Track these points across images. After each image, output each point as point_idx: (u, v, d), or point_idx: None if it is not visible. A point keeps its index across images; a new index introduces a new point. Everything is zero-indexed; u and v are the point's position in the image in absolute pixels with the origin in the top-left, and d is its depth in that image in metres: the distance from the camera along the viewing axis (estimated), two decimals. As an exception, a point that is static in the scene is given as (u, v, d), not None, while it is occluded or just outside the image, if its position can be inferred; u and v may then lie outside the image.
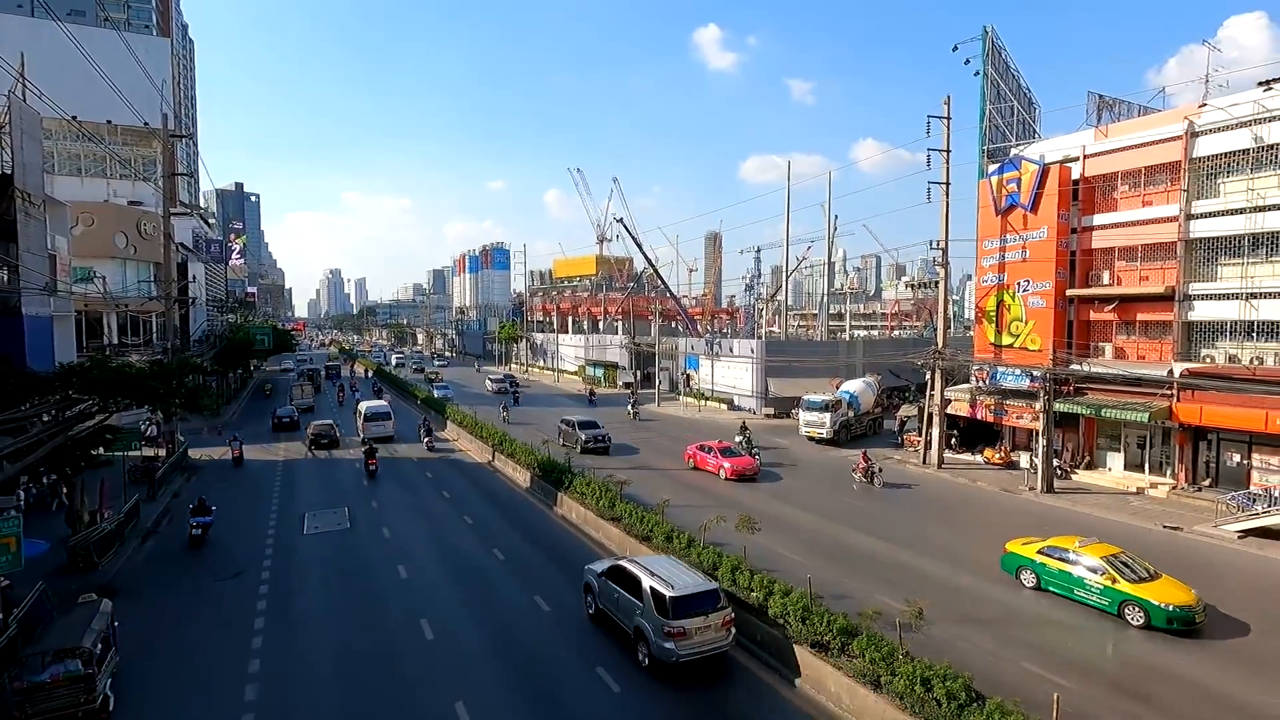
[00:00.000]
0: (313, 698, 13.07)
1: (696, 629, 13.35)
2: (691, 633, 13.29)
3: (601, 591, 15.73)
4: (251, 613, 16.74)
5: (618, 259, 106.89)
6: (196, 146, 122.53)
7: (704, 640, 13.44)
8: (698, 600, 13.67)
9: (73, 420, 19.22)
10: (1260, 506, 23.33)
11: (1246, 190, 26.33)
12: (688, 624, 13.29)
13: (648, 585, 14.09)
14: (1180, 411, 27.12)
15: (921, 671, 11.31)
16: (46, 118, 28.79)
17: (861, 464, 30.07)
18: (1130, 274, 30.47)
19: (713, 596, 13.96)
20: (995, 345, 34.77)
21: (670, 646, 13.20)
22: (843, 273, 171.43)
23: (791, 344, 64.74)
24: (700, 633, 13.39)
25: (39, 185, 24.17)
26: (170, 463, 30.19)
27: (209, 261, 67.75)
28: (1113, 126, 31.78)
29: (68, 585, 16.79)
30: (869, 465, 29.92)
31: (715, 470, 30.89)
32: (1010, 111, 37.61)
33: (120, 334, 42.27)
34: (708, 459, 31.64)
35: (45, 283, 23.68)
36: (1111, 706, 12.71)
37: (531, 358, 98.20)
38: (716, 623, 13.64)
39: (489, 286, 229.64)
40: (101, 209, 42.46)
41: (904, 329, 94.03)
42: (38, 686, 11.57)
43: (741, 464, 30.61)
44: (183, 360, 30.07)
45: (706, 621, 13.49)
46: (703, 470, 31.73)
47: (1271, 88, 25.68)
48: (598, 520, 22.34)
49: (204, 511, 22.17)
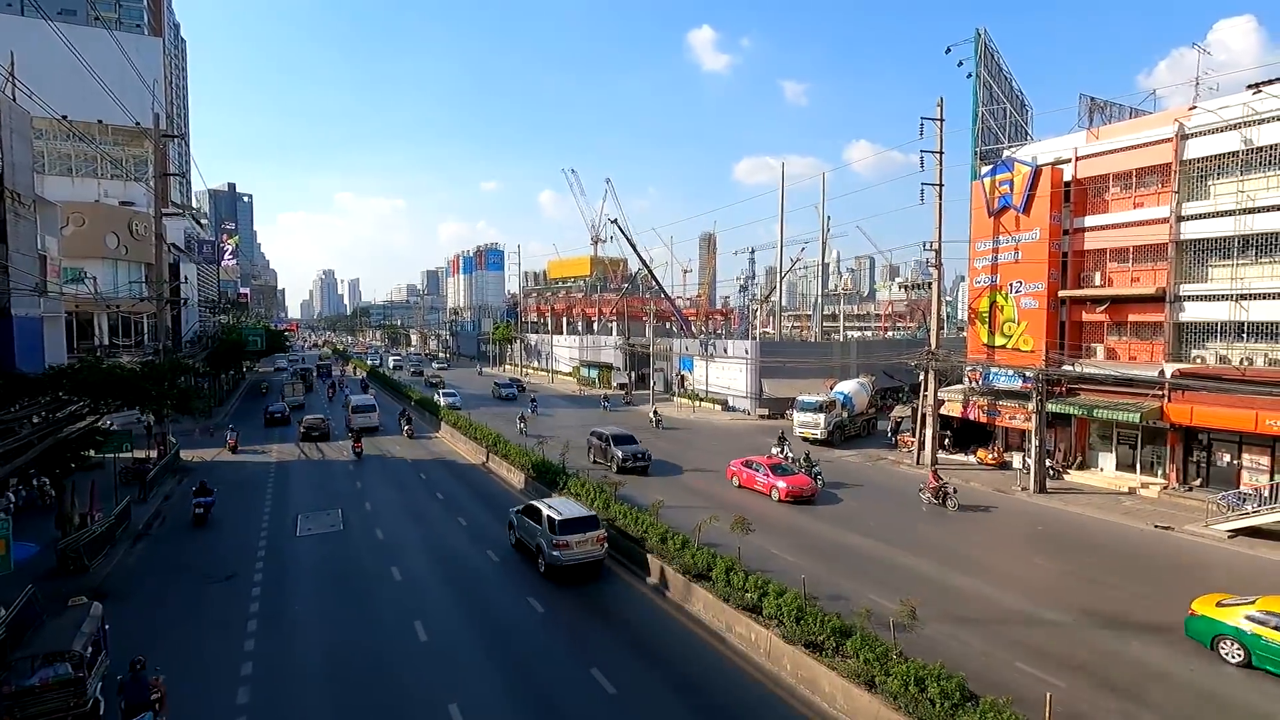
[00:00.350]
0: (306, 700, 13.00)
1: (576, 542, 18.53)
2: (573, 545, 18.47)
3: (519, 525, 20.93)
4: (244, 615, 16.64)
5: (612, 260, 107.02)
6: (188, 146, 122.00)
7: (582, 551, 18.65)
8: (578, 523, 18.80)
9: (63, 422, 19.09)
10: (1250, 506, 23.50)
11: (1236, 192, 26.54)
12: (570, 538, 18.48)
13: (545, 514, 19.22)
14: (1171, 412, 27.31)
15: (915, 671, 11.35)
16: (37, 117, 28.64)
17: (931, 482, 26.97)
18: (1122, 275, 30.65)
19: (591, 521, 19.13)
20: (988, 346, 34.92)
21: (557, 554, 18.42)
22: (837, 274, 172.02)
23: (786, 345, 64.81)
24: (579, 545, 18.57)
25: (29, 185, 24.00)
26: (162, 464, 29.98)
27: (201, 262, 67.45)
28: (1104, 129, 31.98)
29: (58, 588, 16.64)
30: (940, 484, 26.67)
31: (766, 490, 27.54)
32: (1003, 113, 37.83)
33: (111, 335, 42.00)
34: (756, 477, 28.28)
35: (35, 283, 23.54)
36: (1103, 706, 12.77)
37: (526, 359, 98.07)
38: (592, 539, 18.82)
39: (483, 287, 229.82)
40: (92, 209, 42.23)
41: (898, 330, 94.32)
42: (27, 691, 11.45)
43: (798, 484, 27.12)
44: (174, 361, 29.94)
45: (584, 538, 18.64)
46: (750, 490, 28.40)
47: (1261, 91, 25.88)
48: (592, 521, 22.26)
49: (206, 493, 24.33)
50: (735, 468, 29.69)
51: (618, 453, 31.66)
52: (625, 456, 31.40)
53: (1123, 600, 17.66)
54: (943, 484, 26.84)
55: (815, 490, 27.53)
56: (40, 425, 18.50)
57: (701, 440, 41.63)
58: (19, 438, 16.56)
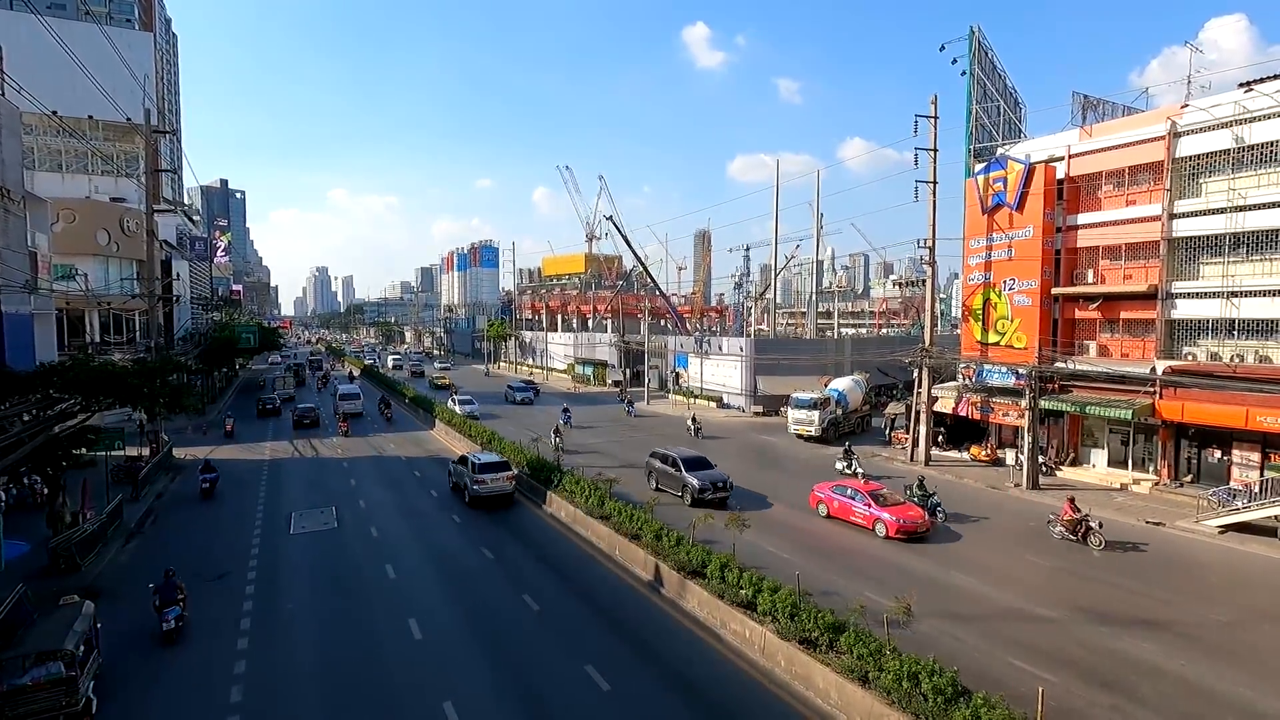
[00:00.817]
0: (300, 699, 12.97)
1: (491, 479, 25.81)
2: (488, 481, 25.71)
3: (454, 471, 28.43)
4: (237, 614, 16.58)
5: (607, 257, 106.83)
6: (180, 142, 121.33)
7: (495, 486, 25.89)
8: (492, 466, 26.41)
9: (54, 420, 18.97)
10: (1240, 502, 23.68)
11: (1227, 190, 26.70)
12: (486, 476, 25.78)
13: (470, 460, 26.70)
14: (1163, 409, 27.48)
15: (909, 667, 11.40)
16: (26, 112, 28.42)
17: (1067, 512, 22.02)
18: (1114, 272, 30.81)
19: (503, 465, 26.80)
20: (982, 343, 35.06)
21: (477, 488, 25.62)
22: (831, 271, 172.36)
23: (780, 342, 64.95)
24: (494, 482, 25.86)
25: (19, 181, 23.81)
26: (154, 462, 29.85)
27: (193, 259, 66.98)
28: (1097, 126, 32.11)
29: (49, 587, 16.55)
30: (1079, 516, 21.82)
31: (868, 524, 22.74)
32: (997, 111, 37.91)
33: (103, 332, 41.74)
34: (853, 506, 23.46)
35: (25, 280, 23.36)
36: (1095, 701, 12.86)
37: (520, 356, 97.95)
38: (503, 477, 26.13)
39: (477, 284, 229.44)
40: (83, 205, 41.90)
41: (892, 327, 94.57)
42: (18, 690, 11.40)
43: (909, 516, 22.24)
44: (166, 359, 29.73)
45: (497, 476, 25.99)
46: (843, 521, 23.66)
47: (1252, 89, 26.02)
48: (586, 519, 22.32)
49: (210, 470, 27.86)
50: (823, 494, 24.92)
51: (691, 481, 25.87)
52: (702, 485, 25.70)
53: (1114, 596, 17.77)
54: (1083, 516, 21.81)
55: (930, 525, 22.65)
56: (31, 423, 18.36)
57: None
58: (9, 435, 16.44)
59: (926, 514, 22.91)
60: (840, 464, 31.22)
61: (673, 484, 26.89)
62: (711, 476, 26.27)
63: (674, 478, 26.87)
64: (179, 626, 15.32)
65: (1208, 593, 18.03)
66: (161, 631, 15.22)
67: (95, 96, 32.32)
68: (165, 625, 15.25)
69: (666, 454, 28.09)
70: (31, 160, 46.40)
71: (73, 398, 19.75)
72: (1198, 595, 17.85)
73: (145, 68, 51.98)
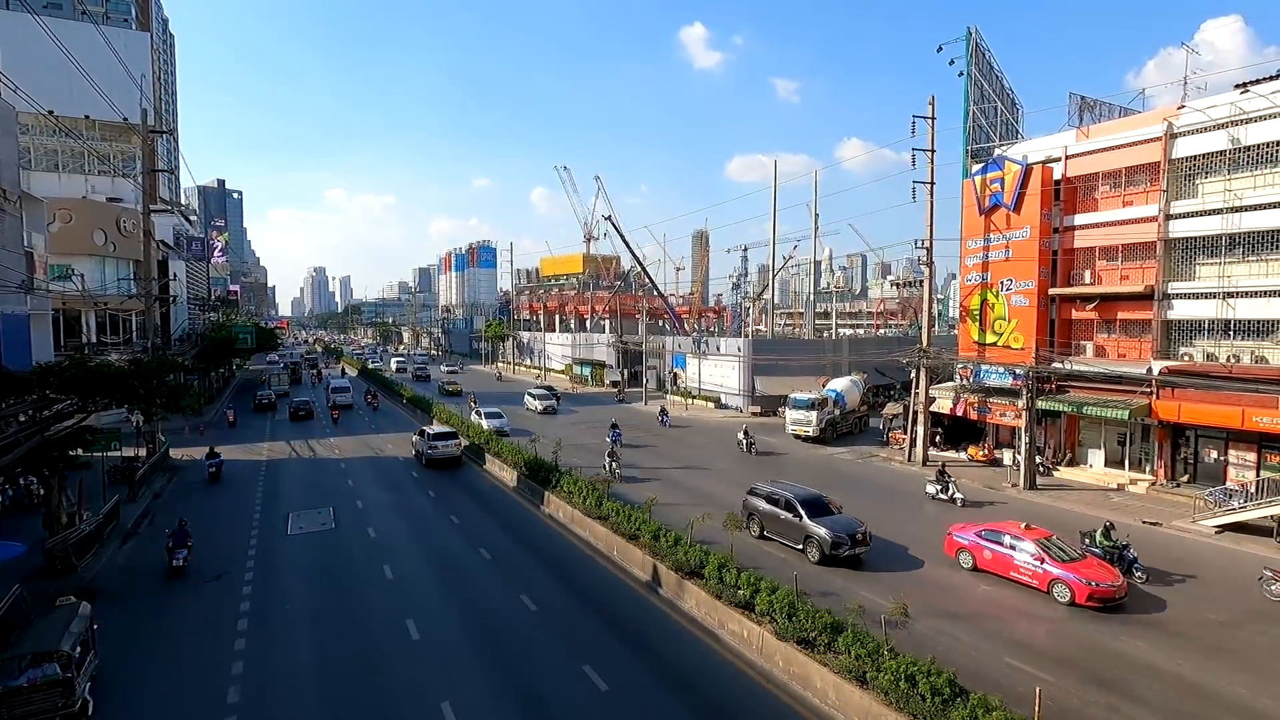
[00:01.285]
0: (297, 699, 12.95)
1: (444, 445, 33.18)
2: (440, 448, 33.04)
3: (416, 441, 35.50)
4: (235, 614, 16.55)
5: (605, 257, 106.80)
6: (177, 142, 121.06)
7: (446, 451, 33.19)
8: (444, 435, 33.67)
9: (50, 420, 18.92)
10: (1236, 502, 23.76)
11: (1224, 191, 26.79)
12: (439, 444, 33.14)
13: (426, 430, 34.47)
14: (1159, 409, 27.55)
15: (906, 667, 11.42)
16: (22, 112, 28.34)
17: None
18: (1111, 273, 30.88)
19: (452, 434, 34.02)
20: (979, 344, 35.12)
21: (430, 452, 32.98)
22: (829, 271, 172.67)
23: (778, 342, 64.97)
24: (445, 448, 33.19)
25: (14, 181, 23.74)
26: (151, 463, 29.77)
27: (190, 259, 66.77)
28: (1094, 127, 32.19)
29: (45, 588, 16.54)
30: None
31: (1039, 585, 17.58)
32: (994, 112, 37.99)
33: (99, 332, 41.61)
34: (1014, 559, 18.20)
35: (21, 280, 23.29)
36: (1091, 700, 12.88)
37: (518, 356, 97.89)
38: (454, 445, 33.54)
39: (475, 285, 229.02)
40: (80, 205, 41.76)
41: (889, 327, 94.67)
42: (15, 691, 11.38)
43: (1103, 578, 17.02)
44: (163, 359, 29.65)
45: (447, 444, 33.32)
46: (1000, 578, 18.49)
47: (1248, 90, 26.10)
48: (584, 519, 22.32)
49: (214, 455, 31.00)
50: (965, 539, 19.51)
51: (818, 532, 19.77)
52: (835, 538, 19.45)
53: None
54: None
55: (1127, 589, 17.35)
56: (27, 424, 18.33)
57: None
58: (5, 436, 16.40)
59: (1120, 573, 17.72)
60: (933, 488, 26.89)
61: (788, 533, 20.86)
62: (844, 525, 19.97)
63: (790, 526, 20.75)
64: (184, 564, 18.98)
65: (1205, 592, 18.07)
66: (170, 567, 18.78)
67: (92, 96, 32.30)
68: (175, 562, 18.75)
69: (776, 493, 21.73)
70: (28, 160, 46.23)
71: (69, 398, 19.70)
72: (1194, 595, 17.90)
73: (142, 67, 51.82)
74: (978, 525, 20.05)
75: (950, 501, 26.43)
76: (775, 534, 21.40)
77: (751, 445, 36.45)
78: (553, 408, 51.57)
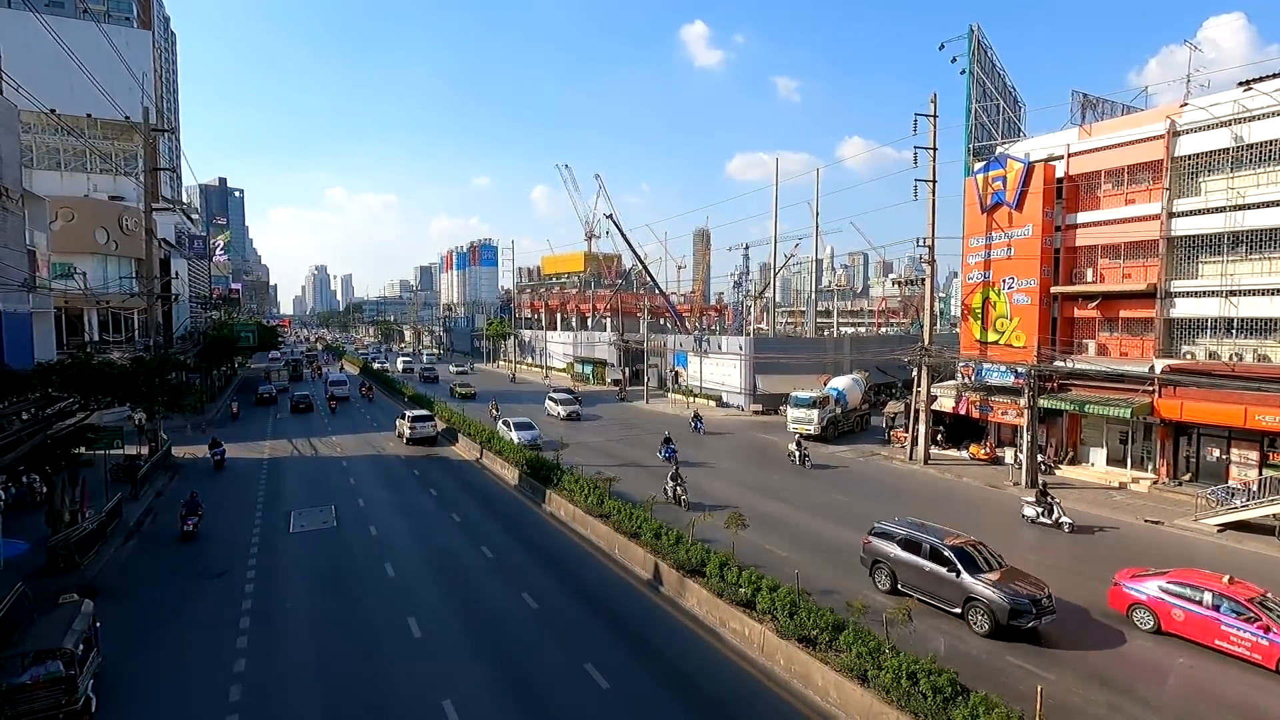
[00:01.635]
0: (299, 697, 12.97)
1: (420, 427, 38.76)
2: (418, 428, 38.65)
3: (397, 424, 40.65)
4: (236, 612, 16.58)
5: (606, 256, 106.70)
6: (179, 141, 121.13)
7: (423, 431, 38.67)
8: (422, 418, 39.38)
9: (52, 418, 18.95)
10: (1239, 500, 23.72)
11: (1226, 189, 26.71)
12: (417, 425, 38.80)
13: (406, 414, 39.82)
14: (1161, 407, 27.50)
15: (908, 666, 11.42)
16: (24, 110, 28.33)
17: None
18: (1113, 271, 30.82)
19: (429, 417, 39.84)
20: (981, 342, 35.08)
21: (409, 432, 38.58)
22: (830, 270, 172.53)
23: (779, 341, 64.88)
24: (421, 428, 38.76)
25: (17, 180, 23.74)
26: (153, 461, 29.81)
27: (192, 257, 66.83)
28: (1096, 125, 32.10)
29: (48, 586, 16.56)
30: None
31: (1267, 661, 13.70)
32: (996, 110, 37.90)
33: (101, 331, 41.65)
34: (1221, 624, 14.45)
35: (24, 279, 23.31)
36: (1093, 699, 12.88)
37: (520, 355, 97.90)
38: (430, 425, 39.24)
39: (477, 283, 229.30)
40: (82, 204, 41.79)
41: (891, 326, 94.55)
42: (18, 688, 11.41)
43: None
44: (165, 358, 29.71)
45: (424, 424, 39.06)
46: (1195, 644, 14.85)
47: (1251, 88, 26.02)
48: (586, 517, 22.34)
49: (217, 445, 32.88)
50: (1143, 592, 15.89)
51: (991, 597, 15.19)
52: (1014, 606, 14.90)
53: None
54: None
55: None
56: (29, 422, 18.36)
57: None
58: (8, 434, 16.43)
59: None
60: (1031, 510, 23.54)
61: (938, 592, 16.33)
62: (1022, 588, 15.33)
63: (940, 582, 16.21)
64: (194, 529, 21.85)
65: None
66: (182, 532, 21.66)
67: (93, 94, 32.27)
68: (185, 528, 21.67)
69: (916, 538, 17.14)
70: (30, 158, 46.26)
71: (71, 396, 19.73)
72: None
73: (143, 66, 51.82)
74: (1156, 575, 15.99)
75: (1055, 527, 22.75)
76: (914, 590, 16.80)
77: (805, 458, 32.89)
78: (576, 413, 47.64)
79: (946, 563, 16.25)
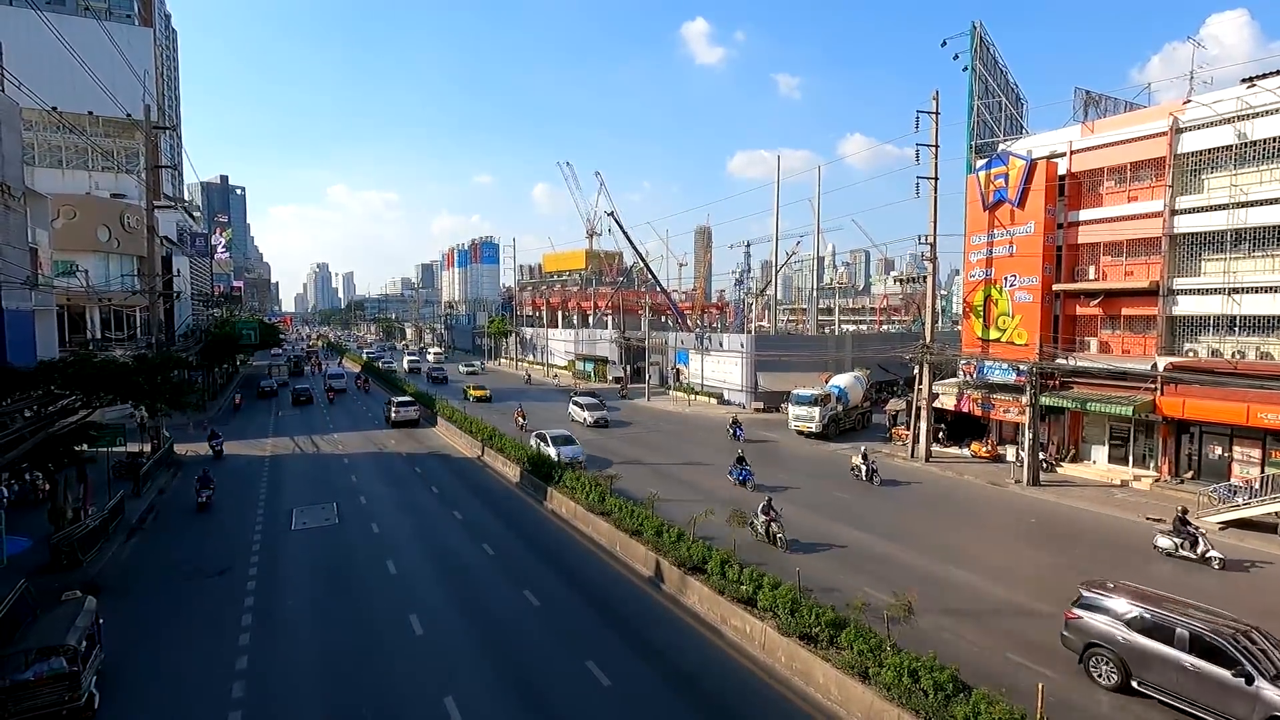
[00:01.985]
0: (301, 694, 13.01)
1: (405, 411, 44.64)
2: (402, 412, 44.38)
3: (385, 407, 46.43)
4: (239, 609, 16.62)
5: (607, 253, 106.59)
6: (180, 138, 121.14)
7: (406, 415, 44.42)
8: (406, 403, 45.56)
9: (55, 416, 18.98)
10: (1241, 498, 23.68)
11: (1229, 186, 26.62)
12: (400, 409, 44.55)
13: (392, 400, 46.13)
14: (1163, 405, 27.45)
15: (909, 663, 11.42)
16: (26, 108, 28.33)
17: None
18: (1115, 269, 30.75)
19: (413, 402, 46.17)
20: (982, 340, 35.02)
21: (393, 415, 44.35)
22: (832, 268, 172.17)
23: (781, 339, 64.83)
24: (405, 412, 44.55)
25: (19, 177, 23.78)
26: (155, 459, 29.88)
27: (194, 255, 66.90)
28: (1099, 122, 32.00)
29: (51, 583, 16.62)
30: None
31: None
32: (998, 107, 37.78)
33: (103, 329, 41.72)
34: None
35: (26, 277, 23.35)
36: (1093, 697, 12.88)
37: (521, 352, 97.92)
38: (413, 409, 45.05)
39: (478, 281, 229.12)
40: (83, 202, 41.84)
41: (892, 324, 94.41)
42: (21, 685, 11.46)
43: None
44: (167, 355, 29.75)
45: (408, 409, 44.84)
46: None
47: (1254, 85, 25.91)
48: (587, 515, 22.36)
49: (216, 436, 34.24)
50: None
51: None
52: None
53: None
54: None
55: None
56: (32, 419, 18.39)
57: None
58: (10, 431, 16.46)
59: None
60: (1167, 541, 19.83)
61: (1203, 697, 11.91)
62: None
63: (1211, 687, 11.76)
64: (209, 501, 24.68)
65: (1208, 589, 18.01)
66: (197, 504, 24.49)
67: (95, 92, 32.26)
68: (200, 499, 24.51)
69: (1164, 620, 12.72)
70: (31, 156, 46.33)
71: (74, 394, 19.76)
72: (1197, 592, 17.83)
73: (145, 63, 51.84)
74: None
75: (1201, 562, 18.93)
76: (1162, 688, 12.46)
77: (874, 474, 28.80)
78: (604, 419, 43.31)
79: (1229, 662, 11.58)
